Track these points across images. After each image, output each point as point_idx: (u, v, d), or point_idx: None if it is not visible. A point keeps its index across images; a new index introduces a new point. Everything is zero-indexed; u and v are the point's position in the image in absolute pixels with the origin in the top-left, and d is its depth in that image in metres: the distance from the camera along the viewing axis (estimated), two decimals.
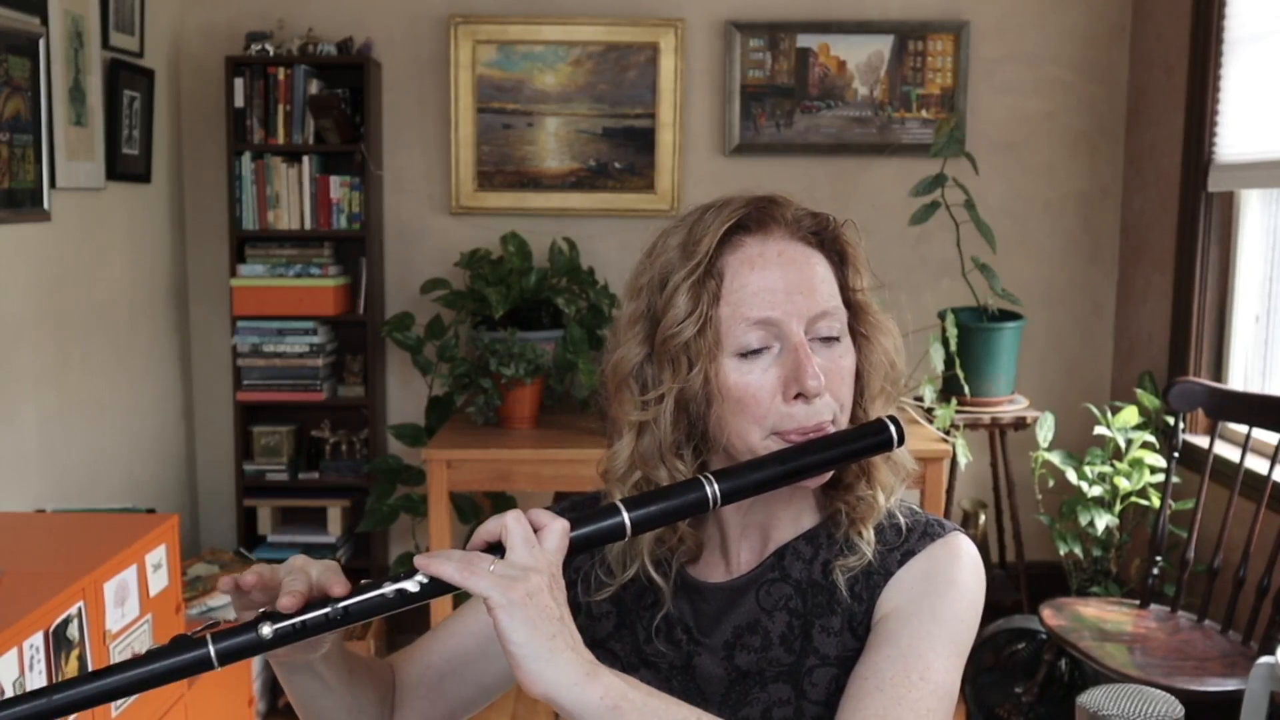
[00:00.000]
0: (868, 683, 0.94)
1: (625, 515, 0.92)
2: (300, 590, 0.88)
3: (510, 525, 0.88)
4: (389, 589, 0.86)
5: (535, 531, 0.89)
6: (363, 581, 0.89)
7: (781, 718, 1.02)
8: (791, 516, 1.07)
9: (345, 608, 0.86)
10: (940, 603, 0.99)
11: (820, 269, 1.03)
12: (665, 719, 0.85)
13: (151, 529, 2.21)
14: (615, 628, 1.10)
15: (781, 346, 1.00)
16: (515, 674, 0.84)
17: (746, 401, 0.99)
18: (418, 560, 0.87)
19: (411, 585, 0.86)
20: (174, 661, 0.84)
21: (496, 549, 0.88)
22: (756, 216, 1.02)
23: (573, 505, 1.16)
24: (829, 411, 1.00)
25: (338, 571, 0.90)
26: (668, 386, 1.01)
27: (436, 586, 0.86)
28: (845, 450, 0.99)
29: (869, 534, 1.04)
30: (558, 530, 0.89)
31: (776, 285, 0.99)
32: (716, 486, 0.94)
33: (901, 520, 1.06)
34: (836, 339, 1.02)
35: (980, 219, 3.16)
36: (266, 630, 0.85)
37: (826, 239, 1.05)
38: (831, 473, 1.02)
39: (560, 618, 0.85)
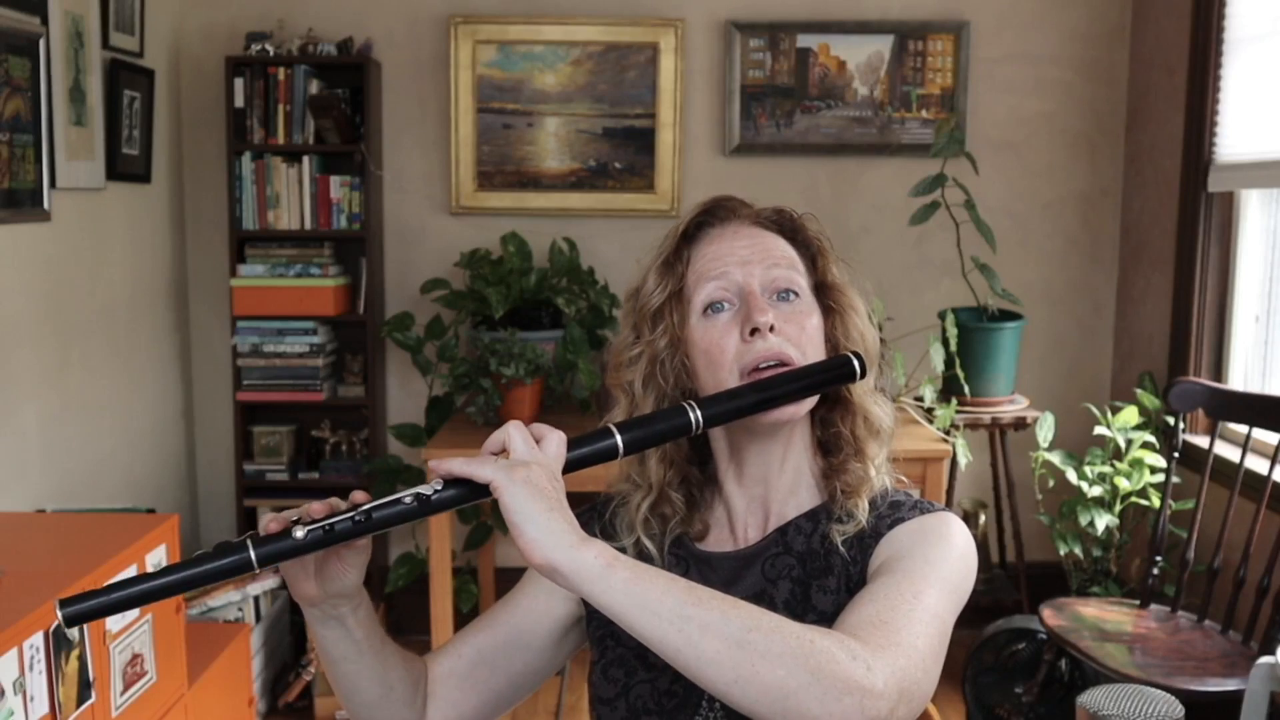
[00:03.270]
0: (862, 598, 0.99)
1: (618, 437, 1.02)
2: (328, 503, 0.98)
3: (511, 431, 0.97)
4: (407, 494, 0.95)
5: (536, 440, 0.98)
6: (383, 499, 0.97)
7: None
8: (789, 490, 1.16)
9: (368, 510, 0.95)
10: (933, 550, 1.05)
11: (780, 244, 1.15)
12: (656, 577, 0.90)
13: (151, 529, 2.21)
14: None
15: (740, 302, 1.11)
16: (517, 543, 0.90)
17: (713, 352, 1.11)
18: (430, 464, 0.96)
19: (427, 490, 0.95)
20: (219, 564, 0.93)
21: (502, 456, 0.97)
22: (720, 213, 1.18)
23: (595, 507, 1.24)
24: (791, 349, 1.09)
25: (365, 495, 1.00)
26: (644, 345, 1.15)
27: (451, 491, 0.94)
28: (811, 381, 1.08)
29: (863, 504, 1.13)
30: (555, 438, 0.99)
31: (736, 250, 1.13)
32: (699, 412, 1.03)
33: (897, 497, 1.15)
34: (795, 295, 1.13)
35: (980, 219, 3.16)
36: (299, 533, 0.93)
37: (788, 228, 1.18)
38: (808, 405, 1.11)
39: (557, 498, 0.93)
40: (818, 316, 1.13)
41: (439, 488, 0.94)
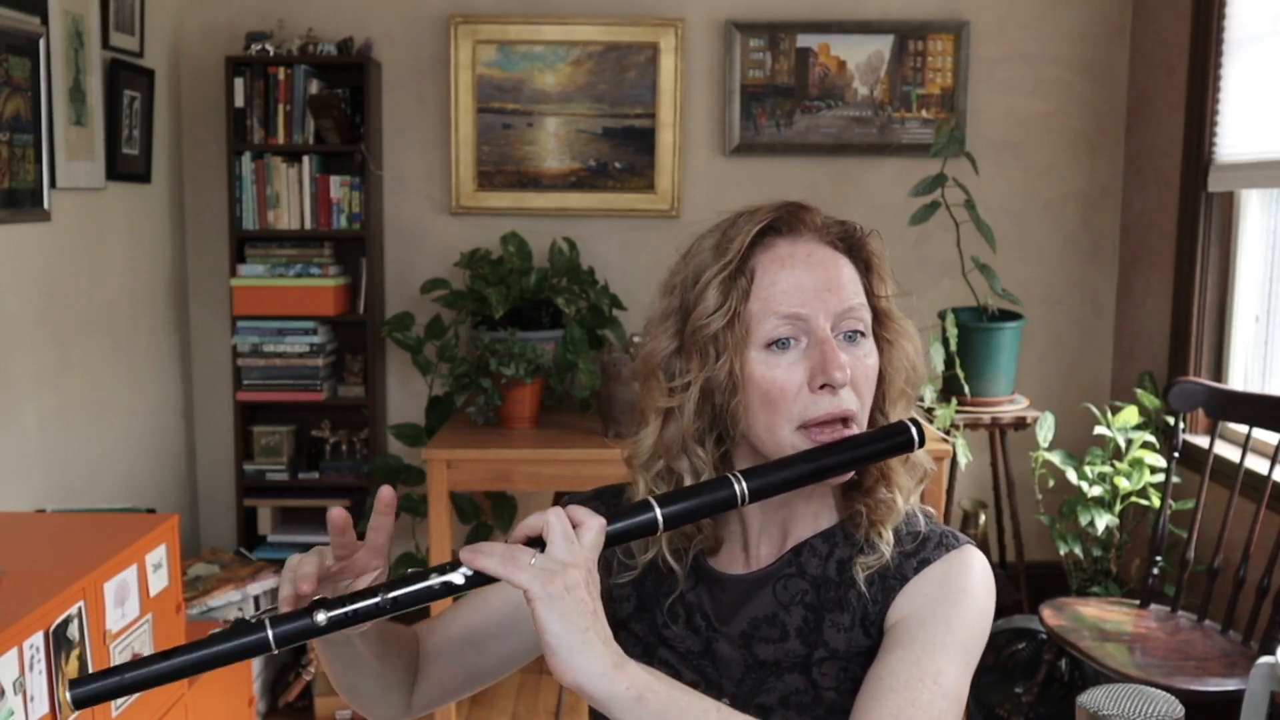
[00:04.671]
0: (882, 683, 0.98)
1: (658, 511, 0.97)
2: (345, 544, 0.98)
3: (551, 521, 0.92)
4: (435, 581, 0.92)
5: (574, 527, 0.93)
6: (409, 571, 0.95)
7: (799, 704, 1.06)
8: (811, 515, 1.11)
9: (395, 598, 0.92)
10: (954, 611, 1.03)
11: (846, 271, 1.07)
12: (688, 711, 0.89)
13: (151, 529, 2.21)
14: (635, 609, 1.14)
15: (808, 341, 1.03)
16: (548, 662, 0.88)
17: (774, 395, 1.03)
18: (463, 554, 0.92)
19: (457, 578, 0.92)
20: (236, 644, 0.90)
21: (536, 543, 0.93)
22: (787, 220, 1.07)
23: (599, 493, 1.21)
24: (853, 403, 1.04)
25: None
26: (694, 375, 1.05)
27: (480, 578, 0.91)
28: (868, 450, 1.03)
29: (888, 535, 1.08)
30: (595, 527, 0.93)
31: (805, 283, 1.04)
32: (745, 485, 0.98)
33: (921, 526, 1.10)
34: (861, 336, 1.06)
35: (980, 219, 3.16)
36: (321, 617, 0.91)
37: (853, 245, 1.09)
38: (853, 472, 1.05)
39: (594, 611, 0.89)
40: (875, 356, 1.07)
41: (469, 574, 0.92)
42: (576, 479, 2.92)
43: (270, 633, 0.90)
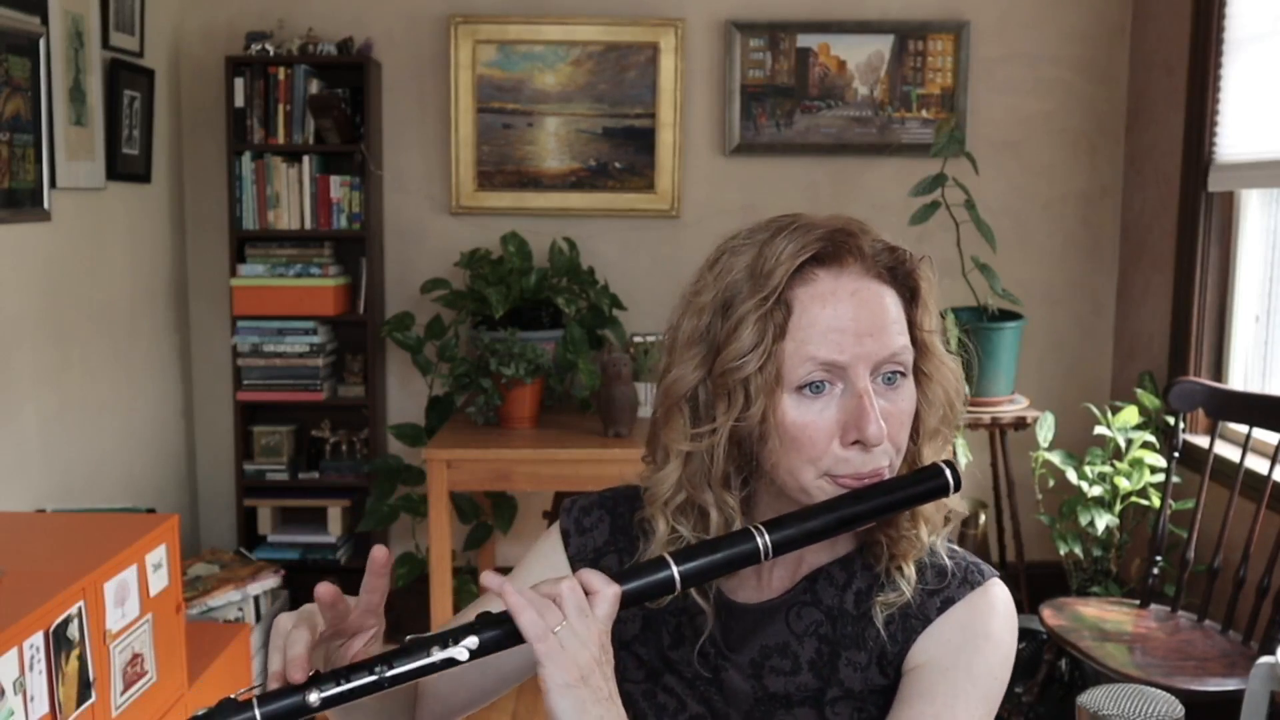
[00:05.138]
0: None
1: (675, 569, 0.93)
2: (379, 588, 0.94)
3: (566, 595, 0.89)
4: (438, 658, 0.89)
5: (587, 594, 0.90)
6: (408, 638, 0.91)
7: None
8: (829, 542, 1.05)
9: (393, 675, 0.89)
10: (976, 658, 0.99)
11: (892, 309, 0.99)
12: None
13: (151, 529, 2.21)
14: (641, 630, 1.09)
15: (845, 388, 0.96)
16: None
17: (802, 441, 0.96)
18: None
19: (460, 653, 0.89)
20: None
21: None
22: (833, 250, 0.97)
23: (603, 499, 1.15)
24: (886, 458, 0.97)
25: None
26: (722, 421, 0.98)
27: (483, 652, 0.89)
28: (899, 497, 0.97)
29: (910, 571, 1.02)
30: (610, 596, 0.90)
31: (846, 326, 0.95)
32: (768, 538, 0.93)
33: (944, 560, 1.05)
34: (901, 377, 0.99)
35: (980, 219, 3.16)
36: (314, 698, 0.87)
37: (900, 274, 1.02)
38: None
39: (609, 697, 0.88)
40: (914, 397, 1.00)
41: (473, 648, 0.89)
42: (576, 479, 2.92)
43: (258, 713, 0.85)
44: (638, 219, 3.73)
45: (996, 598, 1.03)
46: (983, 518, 3.58)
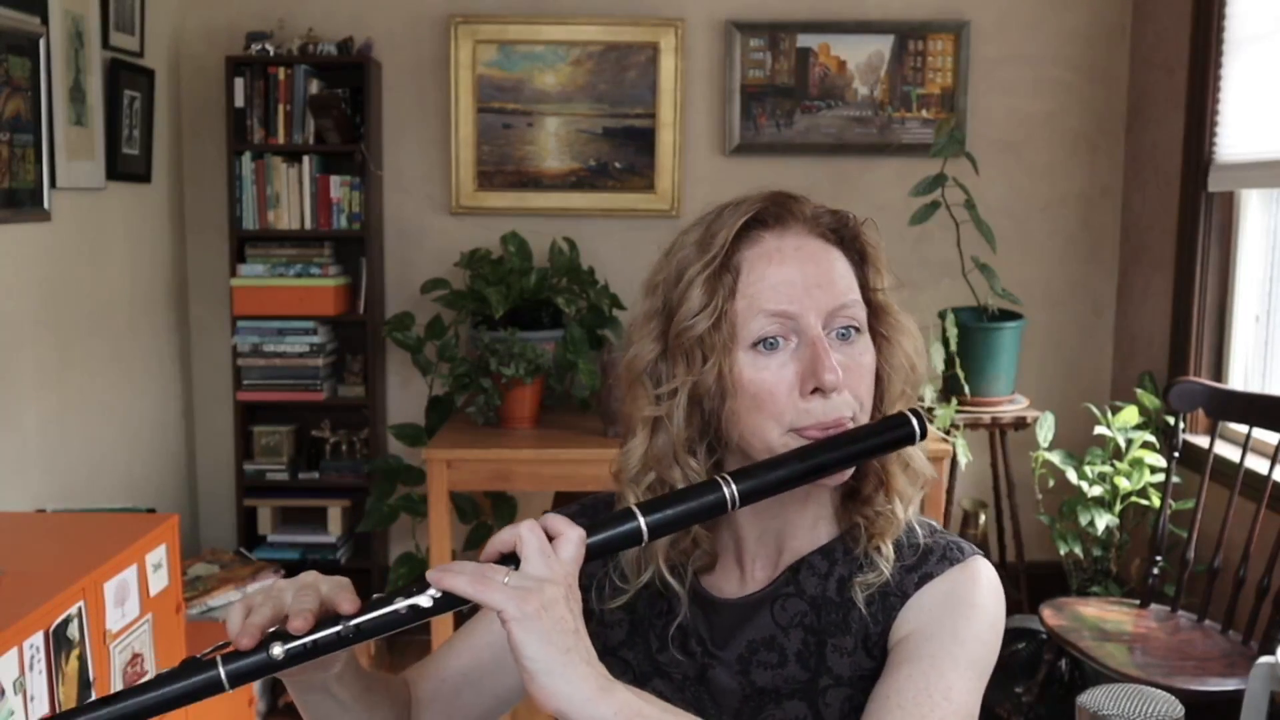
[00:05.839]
0: (889, 702, 0.93)
1: (641, 520, 0.90)
2: (310, 609, 0.86)
3: (525, 535, 0.86)
4: (401, 605, 0.84)
5: (550, 540, 0.87)
6: (374, 597, 0.88)
7: None
8: (808, 527, 1.05)
9: (357, 625, 0.85)
10: (961, 624, 0.98)
11: (839, 265, 1.01)
12: None
13: (151, 529, 2.21)
14: (628, 635, 1.08)
15: (799, 341, 0.97)
16: (528, 688, 0.82)
17: (762, 397, 0.97)
18: (430, 575, 0.85)
19: (424, 600, 0.84)
20: (185, 685, 0.83)
21: (510, 559, 0.86)
22: (774, 211, 1.02)
23: (584, 508, 1.14)
24: (848, 408, 0.97)
25: (348, 587, 0.88)
26: (681, 380, 0.99)
27: (450, 600, 0.84)
28: (866, 445, 0.96)
29: (888, 550, 1.02)
30: (574, 539, 0.87)
31: (794, 279, 0.98)
32: (734, 487, 0.91)
33: (921, 539, 1.04)
34: (855, 334, 1.00)
35: (980, 219, 3.16)
36: (278, 651, 0.84)
37: (846, 236, 1.04)
38: (852, 470, 1.00)
39: (575, 630, 0.83)
40: (871, 353, 1.01)
41: (438, 596, 0.84)
42: (576, 479, 2.92)
43: (223, 671, 0.83)
44: (638, 219, 3.73)
45: (979, 571, 1.02)
46: (983, 518, 3.58)
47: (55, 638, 1.83)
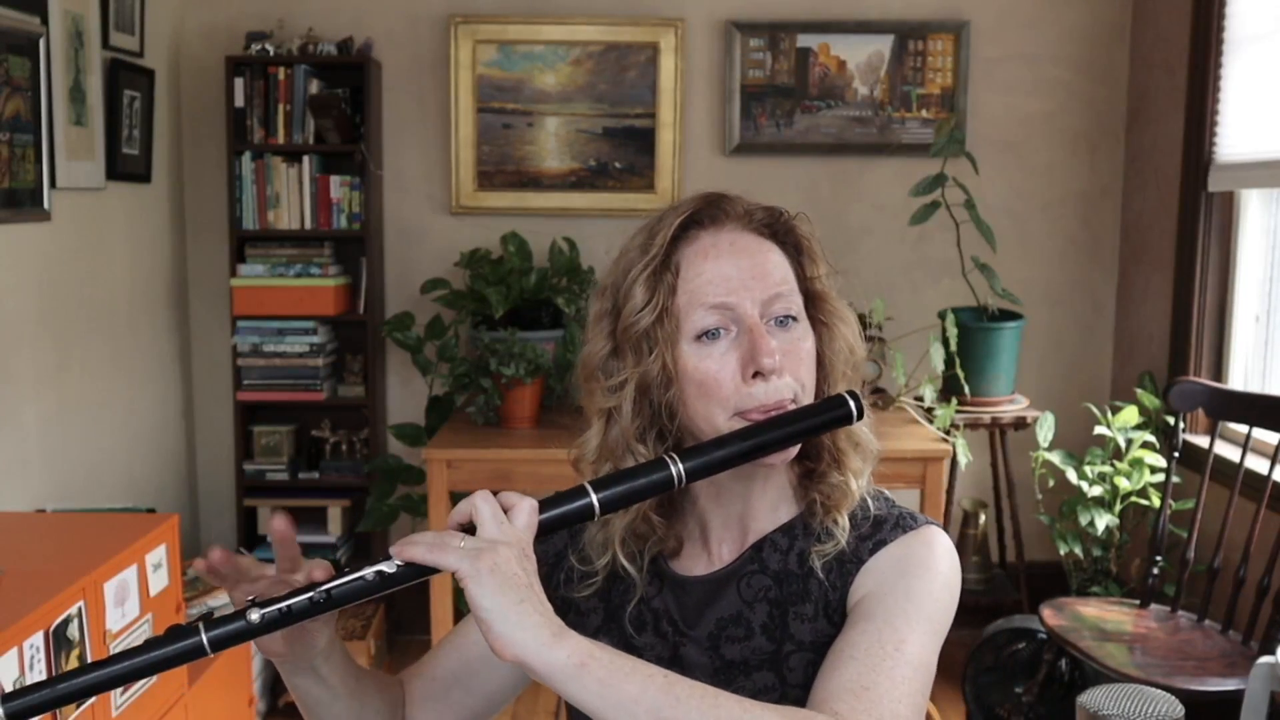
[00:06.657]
0: (843, 654, 0.96)
1: (593, 496, 0.96)
2: (290, 556, 0.93)
3: (479, 504, 0.91)
4: (368, 571, 0.90)
5: (505, 511, 0.92)
6: (345, 566, 0.93)
7: (769, 702, 1.03)
8: (769, 508, 1.11)
9: (328, 590, 0.89)
10: (915, 583, 1.02)
11: (773, 256, 1.07)
12: (632, 676, 0.86)
13: (151, 529, 2.21)
14: (603, 621, 1.13)
15: (738, 330, 1.03)
16: (486, 639, 0.86)
17: (708, 385, 1.03)
18: (392, 548, 0.90)
19: (389, 567, 0.90)
20: (170, 650, 0.88)
21: (469, 529, 0.91)
22: (710, 211, 1.08)
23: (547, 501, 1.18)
24: (789, 390, 1.03)
25: (324, 565, 0.94)
26: (629, 372, 1.06)
27: (416, 569, 0.89)
28: (806, 425, 1.02)
29: (844, 520, 1.07)
30: (526, 508, 0.93)
31: (730, 273, 1.04)
32: (681, 465, 0.97)
33: (874, 511, 1.10)
34: (793, 320, 1.05)
35: (980, 219, 3.17)
36: (255, 616, 0.88)
37: (780, 230, 1.09)
38: (796, 448, 1.04)
39: (528, 584, 0.87)
40: (811, 338, 1.07)
41: (401, 564, 0.89)
42: (577, 479, 2.92)
43: (205, 636, 0.88)
44: (638, 219, 3.69)
45: (932, 537, 1.07)
46: (983, 518, 3.58)
47: (55, 638, 1.83)
